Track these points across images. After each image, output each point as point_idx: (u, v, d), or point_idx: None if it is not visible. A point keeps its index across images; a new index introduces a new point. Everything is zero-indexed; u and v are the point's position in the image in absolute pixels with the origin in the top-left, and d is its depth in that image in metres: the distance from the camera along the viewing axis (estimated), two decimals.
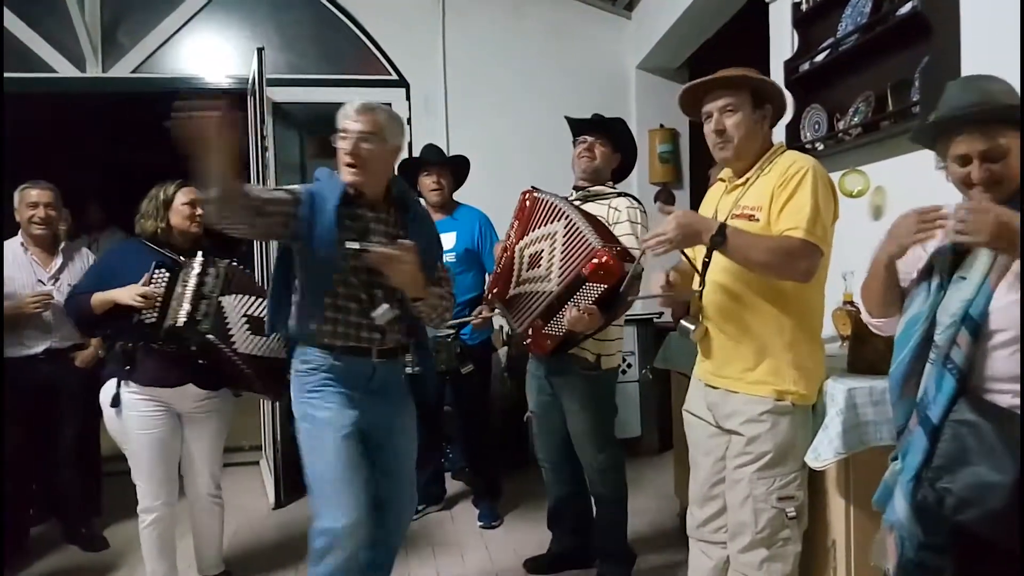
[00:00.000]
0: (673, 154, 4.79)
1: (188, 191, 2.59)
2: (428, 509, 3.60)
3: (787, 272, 1.78)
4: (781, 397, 1.86)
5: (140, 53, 4.35)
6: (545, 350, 2.43)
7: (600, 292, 2.23)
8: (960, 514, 1.34)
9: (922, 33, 2.31)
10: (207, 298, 2.46)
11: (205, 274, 2.47)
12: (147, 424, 2.49)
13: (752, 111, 1.89)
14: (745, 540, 1.89)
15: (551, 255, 2.38)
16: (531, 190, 2.57)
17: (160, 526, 2.56)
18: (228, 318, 2.50)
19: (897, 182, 2.54)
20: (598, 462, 2.65)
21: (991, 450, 1.30)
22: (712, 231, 1.76)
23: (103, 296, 2.45)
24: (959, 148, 1.44)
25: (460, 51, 4.66)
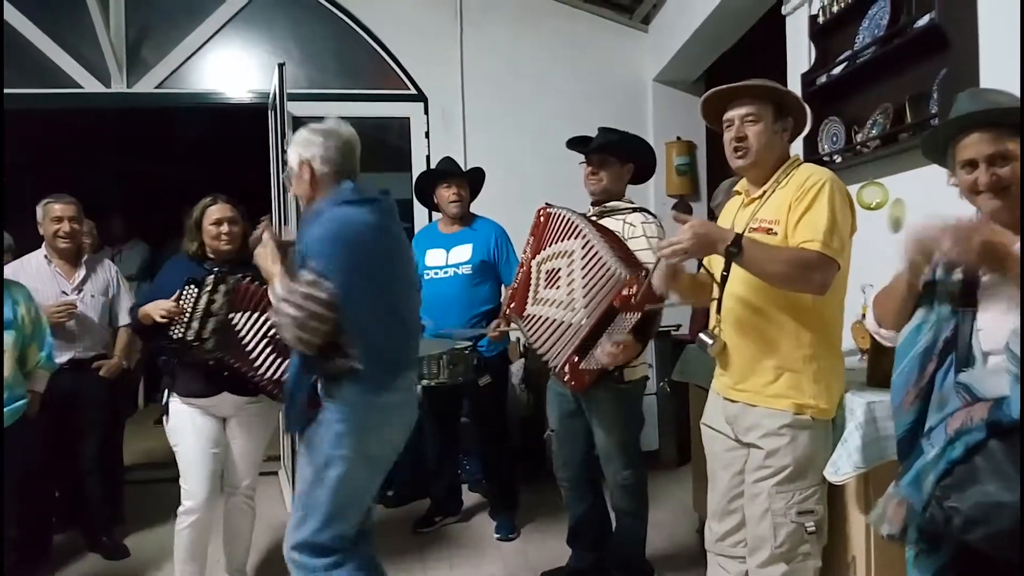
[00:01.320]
0: (690, 166, 4.79)
1: (214, 210, 2.63)
2: (445, 520, 3.60)
3: (802, 284, 1.78)
4: (801, 411, 1.85)
5: (164, 69, 4.43)
6: (584, 385, 2.42)
7: (635, 322, 2.24)
8: (967, 533, 1.34)
9: (940, 45, 2.31)
10: (215, 315, 2.47)
11: (215, 291, 2.48)
12: (190, 427, 2.58)
13: (774, 122, 1.90)
14: (764, 555, 1.88)
15: (570, 276, 2.39)
16: (545, 206, 2.58)
17: (196, 529, 2.61)
18: (244, 337, 2.50)
19: (916, 194, 2.53)
20: (623, 478, 2.63)
21: (999, 469, 1.30)
22: (727, 241, 1.76)
23: (144, 310, 2.57)
24: (965, 153, 1.45)
25: (478, 65, 4.70)
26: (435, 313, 3.34)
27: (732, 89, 1.93)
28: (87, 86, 4.30)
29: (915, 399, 1.48)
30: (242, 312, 2.51)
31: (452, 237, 3.42)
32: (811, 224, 1.78)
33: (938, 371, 1.46)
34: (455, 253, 3.38)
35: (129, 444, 3.63)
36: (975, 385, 1.39)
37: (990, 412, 1.34)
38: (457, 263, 3.36)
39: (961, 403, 1.40)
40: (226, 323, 2.49)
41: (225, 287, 2.49)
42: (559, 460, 2.80)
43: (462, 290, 3.33)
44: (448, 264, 3.37)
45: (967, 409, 1.38)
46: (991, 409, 1.35)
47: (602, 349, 2.28)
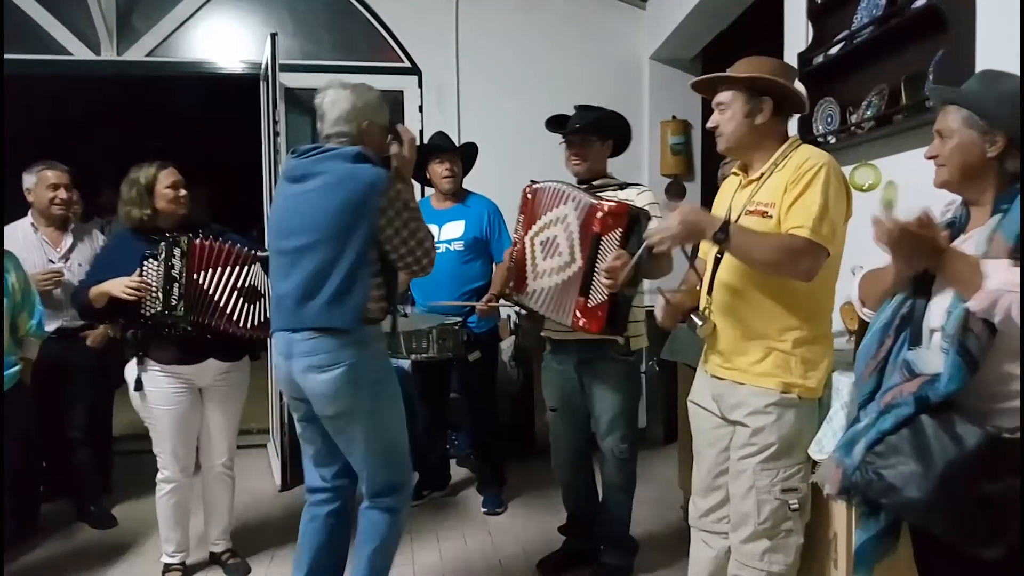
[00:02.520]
0: (685, 146, 4.77)
1: (169, 172, 2.61)
2: (433, 494, 3.63)
3: (789, 271, 1.78)
4: (787, 390, 1.86)
5: (155, 37, 4.36)
6: (601, 323, 2.33)
7: (619, 236, 2.23)
8: (884, 499, 1.42)
9: (937, 26, 2.29)
10: (177, 280, 2.44)
11: (171, 256, 2.45)
12: (169, 400, 2.57)
13: (744, 106, 1.89)
14: (747, 531, 1.90)
15: (569, 238, 2.37)
16: (531, 183, 2.56)
17: (177, 495, 2.67)
18: (214, 294, 2.49)
19: (909, 176, 2.52)
20: (620, 451, 2.64)
21: (923, 444, 1.36)
22: (715, 228, 1.76)
23: (98, 289, 2.50)
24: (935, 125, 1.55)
25: (473, 39, 4.65)
26: (426, 289, 3.34)
27: (704, 80, 1.98)
28: (76, 53, 4.24)
29: (873, 372, 1.54)
30: (204, 271, 2.49)
31: (445, 213, 3.40)
32: (802, 209, 1.77)
33: (894, 346, 1.52)
34: (447, 229, 3.37)
35: (118, 415, 3.62)
36: (916, 362, 1.46)
37: (920, 387, 1.40)
38: (449, 239, 3.34)
39: (901, 379, 1.46)
40: (191, 284, 2.46)
41: (180, 249, 2.46)
42: (562, 440, 2.78)
43: (453, 266, 3.32)
44: (440, 240, 3.35)
45: (902, 384, 1.45)
46: (921, 385, 1.40)
47: (601, 276, 2.24)
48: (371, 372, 2.08)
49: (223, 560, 2.84)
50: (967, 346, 1.35)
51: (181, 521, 2.71)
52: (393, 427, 2.18)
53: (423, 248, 2.10)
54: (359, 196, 2.00)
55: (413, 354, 2.94)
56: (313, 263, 2.02)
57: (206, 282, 2.49)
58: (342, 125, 2.12)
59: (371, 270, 2.05)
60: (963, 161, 1.48)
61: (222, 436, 2.74)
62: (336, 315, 2.01)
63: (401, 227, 2.05)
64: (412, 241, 2.08)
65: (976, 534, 1.35)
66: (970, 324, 1.35)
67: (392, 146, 2.18)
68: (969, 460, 1.32)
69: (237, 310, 2.53)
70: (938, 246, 1.38)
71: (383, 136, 2.18)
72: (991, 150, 1.45)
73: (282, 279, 2.10)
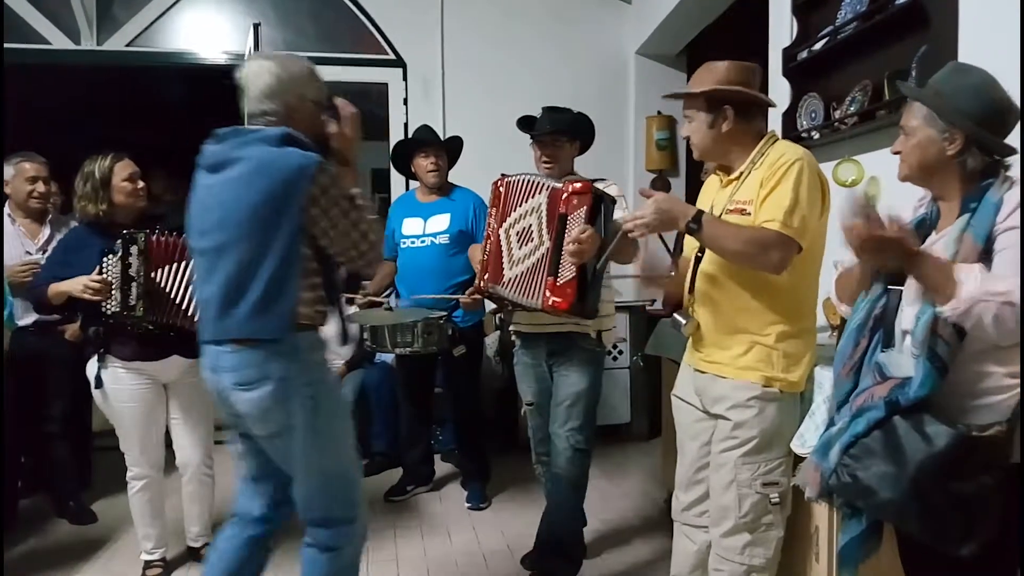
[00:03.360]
0: (670, 141, 4.78)
1: (125, 165, 2.56)
2: (417, 489, 3.62)
3: (759, 263, 1.79)
4: (769, 384, 1.86)
5: (135, 26, 4.32)
6: (571, 299, 2.27)
7: (584, 214, 2.21)
8: (861, 500, 1.45)
9: (920, 22, 2.31)
10: (135, 279, 2.38)
11: (127, 254, 2.39)
12: (132, 396, 2.51)
13: (706, 117, 1.91)
14: (728, 524, 1.90)
15: (540, 224, 2.36)
16: (502, 176, 2.55)
17: (148, 492, 2.63)
18: (172, 292, 2.42)
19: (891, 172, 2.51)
20: (576, 441, 2.59)
21: (896, 445, 1.38)
22: (688, 217, 1.79)
23: (56, 288, 2.44)
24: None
25: (458, 32, 4.63)
26: (411, 282, 3.33)
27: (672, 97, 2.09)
28: (55, 42, 4.18)
29: (850, 371, 1.56)
30: (161, 267, 2.42)
31: (430, 206, 3.38)
32: (774, 203, 1.78)
33: (868, 347, 1.54)
34: (433, 222, 3.35)
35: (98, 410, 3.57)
36: (888, 365, 1.48)
37: (891, 391, 1.42)
38: (435, 232, 3.33)
39: (872, 381, 1.49)
40: (149, 283, 2.40)
41: (137, 247, 2.39)
42: (539, 434, 2.78)
43: (438, 260, 3.30)
44: (425, 233, 3.34)
45: (873, 387, 1.47)
46: (892, 388, 1.42)
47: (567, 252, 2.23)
48: (307, 386, 1.80)
49: (202, 555, 2.81)
50: (936, 351, 1.38)
51: (156, 517, 2.68)
52: (334, 449, 1.89)
53: (367, 240, 1.82)
54: (283, 185, 1.72)
55: (397, 348, 2.93)
56: (233, 264, 1.76)
57: (164, 280, 2.42)
58: (266, 102, 1.82)
59: (303, 269, 1.78)
60: (922, 158, 1.52)
61: (193, 435, 2.67)
62: (261, 324, 1.75)
63: (339, 217, 1.77)
64: (354, 233, 1.79)
65: (949, 533, 1.37)
66: (939, 329, 1.37)
67: (329, 125, 1.91)
68: (939, 460, 1.34)
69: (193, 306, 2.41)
70: (909, 249, 1.39)
71: (317, 113, 1.89)
72: (950, 148, 1.47)
73: (203, 283, 1.85)
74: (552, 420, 2.64)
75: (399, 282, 3.41)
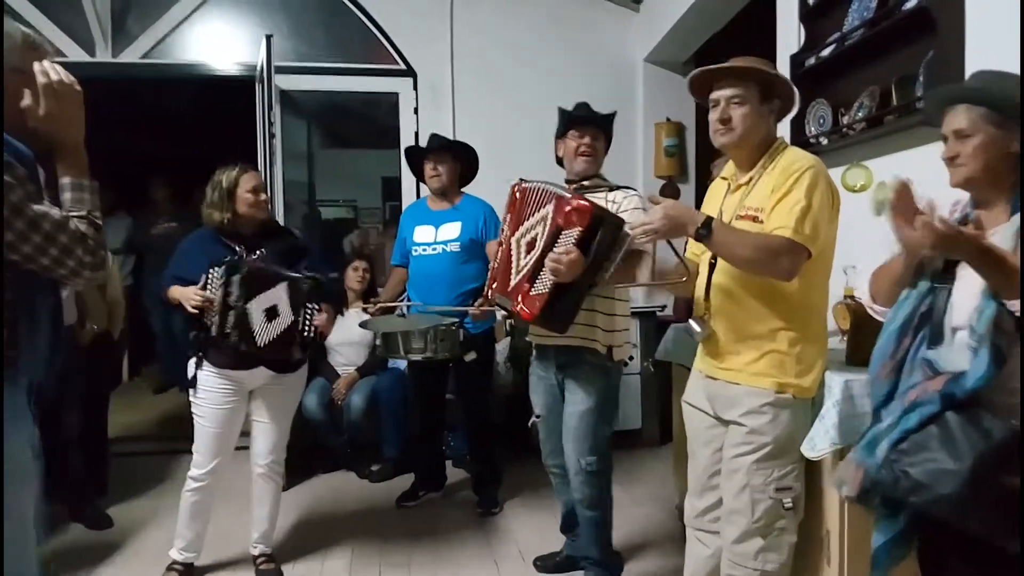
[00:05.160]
0: (679, 148, 4.79)
1: (251, 176, 2.64)
2: (428, 495, 3.63)
3: (769, 270, 1.79)
4: (782, 390, 1.87)
5: (150, 39, 4.38)
6: (534, 311, 2.23)
7: (577, 235, 2.11)
8: (914, 496, 1.41)
9: (927, 28, 2.31)
10: (233, 308, 2.47)
11: (229, 284, 2.47)
12: (217, 400, 2.62)
13: (760, 104, 1.89)
14: (739, 529, 1.91)
15: (544, 234, 2.29)
16: (520, 181, 2.49)
17: (199, 494, 2.69)
18: (252, 319, 2.52)
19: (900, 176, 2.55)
20: (585, 463, 2.52)
21: (950, 438, 1.37)
22: (698, 224, 1.78)
23: (173, 293, 2.58)
24: (945, 126, 1.55)
25: (468, 41, 4.67)
26: (423, 290, 3.35)
27: (718, 70, 1.93)
28: (71, 55, 4.24)
29: (890, 372, 1.53)
30: (257, 298, 2.51)
31: (441, 214, 3.41)
32: (785, 210, 1.79)
33: (912, 345, 1.51)
34: (444, 230, 3.38)
35: (113, 416, 3.62)
36: (938, 361, 1.46)
37: (945, 385, 1.41)
38: (446, 240, 3.35)
39: (923, 377, 1.46)
40: (244, 314, 2.49)
41: (239, 276, 2.47)
42: (547, 447, 2.74)
43: (449, 268, 3.33)
44: (436, 241, 3.37)
45: (925, 382, 1.45)
46: (947, 382, 1.41)
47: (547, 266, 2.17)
48: None
49: (257, 564, 2.83)
50: (998, 344, 1.36)
51: (196, 521, 2.71)
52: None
53: (57, 244, 1.41)
54: None
55: (410, 354, 2.94)
56: None
57: (252, 310, 2.51)
58: None
59: None
60: (987, 159, 1.48)
61: (268, 435, 2.77)
62: None
63: (11, 217, 1.36)
64: (36, 236, 1.38)
65: (1006, 528, 1.35)
66: (1002, 323, 1.36)
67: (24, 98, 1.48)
68: (998, 454, 1.33)
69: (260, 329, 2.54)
70: (981, 244, 1.35)
71: (18, 86, 1.48)
72: (1013, 145, 1.45)
73: None
74: (564, 438, 2.59)
75: (411, 289, 3.44)
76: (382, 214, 6.74)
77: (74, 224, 1.45)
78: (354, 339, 4.03)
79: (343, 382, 3.96)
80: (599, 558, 2.66)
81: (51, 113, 1.50)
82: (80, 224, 1.47)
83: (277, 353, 2.60)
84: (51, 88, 1.50)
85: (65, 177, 1.51)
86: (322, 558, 2.97)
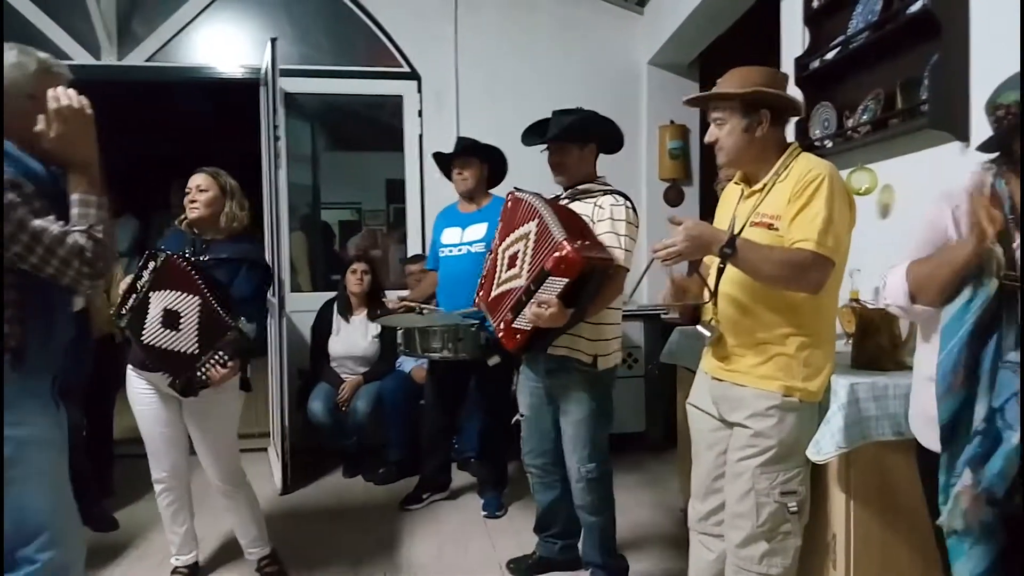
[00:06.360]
0: (683, 150, 4.79)
1: (197, 176, 2.65)
2: (434, 497, 3.63)
3: (797, 285, 1.79)
4: (789, 393, 1.86)
5: (155, 42, 4.39)
6: (513, 344, 2.35)
7: (563, 286, 2.18)
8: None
9: (932, 31, 2.31)
10: (137, 291, 2.39)
11: (144, 267, 2.40)
12: (141, 400, 2.62)
13: (741, 120, 1.89)
14: (744, 533, 1.90)
15: (524, 254, 2.36)
16: (514, 191, 2.53)
17: (169, 496, 2.69)
18: (148, 311, 2.37)
19: (905, 180, 2.55)
20: (587, 470, 2.53)
21: None
22: (722, 243, 1.76)
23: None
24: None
25: (472, 44, 4.68)
26: (448, 291, 3.39)
27: (699, 98, 1.98)
28: (76, 57, 4.26)
29: (963, 381, 1.42)
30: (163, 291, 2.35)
31: (468, 216, 3.43)
32: (807, 222, 1.77)
33: (984, 351, 1.41)
34: (469, 232, 3.39)
35: (119, 417, 3.63)
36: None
37: None
38: (471, 241, 3.37)
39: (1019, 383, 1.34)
40: (144, 301, 2.38)
41: (154, 264, 2.38)
42: (527, 447, 2.75)
43: (473, 269, 3.30)
44: (462, 242, 3.39)
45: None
46: None
47: (530, 309, 2.23)
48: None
49: (262, 568, 2.82)
50: None
51: (175, 523, 2.72)
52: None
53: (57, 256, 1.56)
54: None
55: (426, 353, 2.94)
56: None
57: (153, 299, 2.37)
58: None
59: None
60: None
61: (209, 454, 2.63)
62: None
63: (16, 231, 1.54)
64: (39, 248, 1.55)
65: None
66: None
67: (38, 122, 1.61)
68: None
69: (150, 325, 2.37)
70: None
71: (32, 109, 1.62)
72: None
73: None
74: (564, 446, 2.60)
75: (439, 291, 3.47)
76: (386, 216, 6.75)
77: (73, 239, 1.58)
78: (357, 352, 4.05)
79: (348, 386, 3.96)
80: (604, 563, 2.66)
81: (61, 136, 1.62)
82: (80, 238, 1.59)
83: (156, 367, 2.43)
84: (61, 113, 1.61)
85: (74, 193, 1.63)
86: (326, 561, 2.98)
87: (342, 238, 6.89)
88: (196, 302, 2.31)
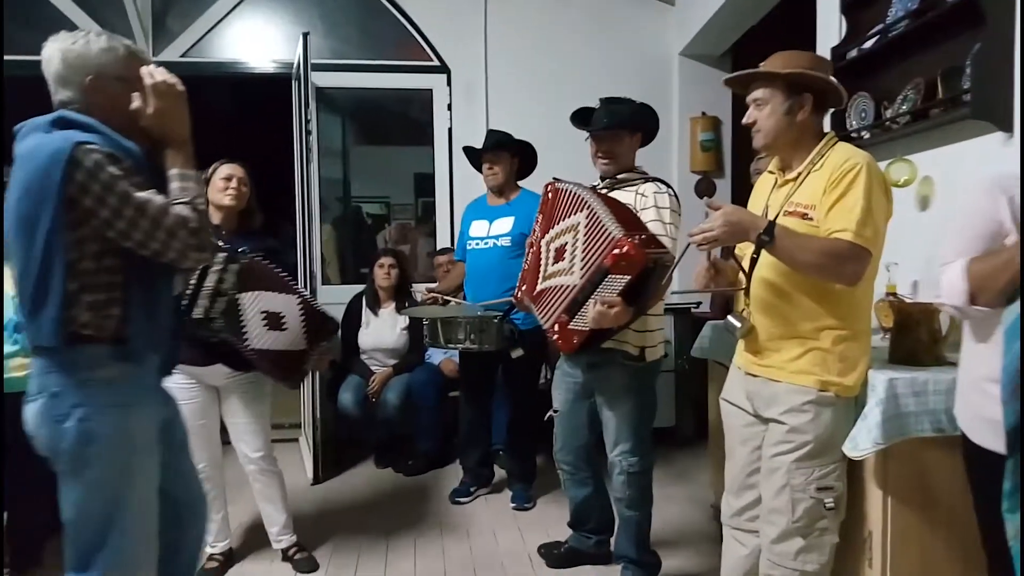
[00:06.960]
0: (715, 142, 4.74)
1: (224, 168, 2.68)
2: (479, 492, 3.63)
3: (834, 275, 1.76)
4: (825, 388, 1.84)
5: (189, 38, 4.45)
6: (572, 347, 2.29)
7: (624, 284, 2.12)
8: None
9: (975, 19, 2.25)
10: (224, 295, 2.41)
11: (225, 271, 2.42)
12: (181, 395, 2.58)
13: (783, 102, 1.85)
14: (779, 529, 1.88)
15: (574, 247, 2.29)
16: (553, 181, 2.48)
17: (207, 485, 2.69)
18: (244, 315, 2.45)
19: (945, 172, 2.49)
20: (628, 464, 2.52)
21: None
22: (760, 229, 1.73)
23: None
24: None
25: (502, 37, 4.67)
26: (474, 283, 3.41)
27: (737, 77, 1.93)
28: None
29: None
30: (250, 292, 2.44)
31: (496, 209, 3.44)
32: (844, 212, 1.74)
33: None
34: (497, 225, 3.40)
35: None
36: None
37: None
38: (497, 235, 3.38)
39: None
40: (234, 303, 2.42)
41: (237, 266, 2.42)
42: (559, 443, 2.74)
43: (500, 262, 3.33)
44: (489, 235, 3.40)
45: None
46: None
47: (591, 310, 2.17)
48: (76, 407, 1.57)
49: (290, 556, 2.86)
50: None
51: (213, 510, 2.72)
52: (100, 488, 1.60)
53: (163, 227, 1.56)
54: (38, 175, 1.50)
55: (449, 344, 2.95)
56: (15, 268, 1.59)
57: (244, 302, 2.45)
58: (61, 91, 1.63)
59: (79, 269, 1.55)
60: None
61: (249, 432, 2.73)
62: (34, 330, 1.57)
63: (120, 205, 1.52)
64: (143, 221, 1.54)
65: None
66: None
67: (134, 101, 1.66)
68: None
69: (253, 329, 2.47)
70: None
71: (124, 91, 1.65)
72: None
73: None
74: (605, 439, 2.59)
75: (466, 283, 3.48)
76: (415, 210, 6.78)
77: (177, 210, 1.59)
78: (386, 345, 4.07)
79: (378, 378, 3.99)
80: (637, 558, 2.65)
81: (158, 111, 1.66)
82: (184, 209, 1.60)
83: (266, 370, 2.53)
84: (157, 88, 1.66)
85: (172, 168, 1.66)
86: (357, 551, 3.01)
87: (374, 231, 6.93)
88: (295, 301, 2.48)
